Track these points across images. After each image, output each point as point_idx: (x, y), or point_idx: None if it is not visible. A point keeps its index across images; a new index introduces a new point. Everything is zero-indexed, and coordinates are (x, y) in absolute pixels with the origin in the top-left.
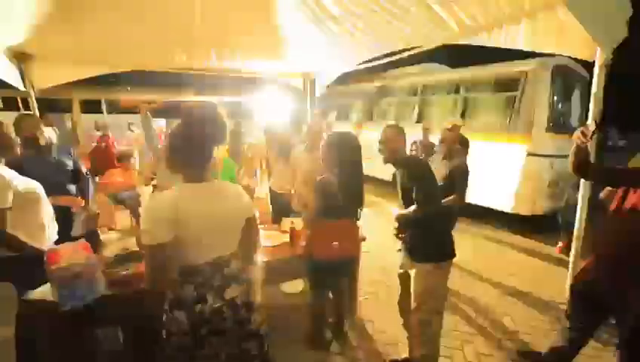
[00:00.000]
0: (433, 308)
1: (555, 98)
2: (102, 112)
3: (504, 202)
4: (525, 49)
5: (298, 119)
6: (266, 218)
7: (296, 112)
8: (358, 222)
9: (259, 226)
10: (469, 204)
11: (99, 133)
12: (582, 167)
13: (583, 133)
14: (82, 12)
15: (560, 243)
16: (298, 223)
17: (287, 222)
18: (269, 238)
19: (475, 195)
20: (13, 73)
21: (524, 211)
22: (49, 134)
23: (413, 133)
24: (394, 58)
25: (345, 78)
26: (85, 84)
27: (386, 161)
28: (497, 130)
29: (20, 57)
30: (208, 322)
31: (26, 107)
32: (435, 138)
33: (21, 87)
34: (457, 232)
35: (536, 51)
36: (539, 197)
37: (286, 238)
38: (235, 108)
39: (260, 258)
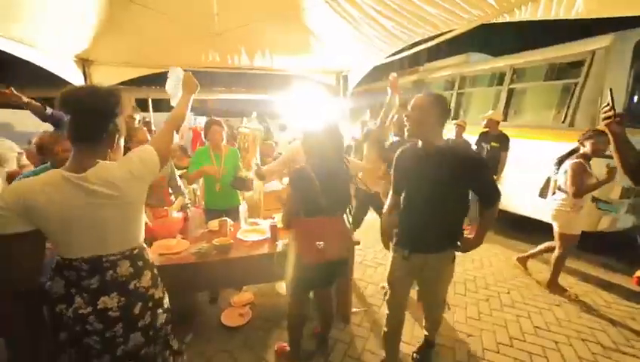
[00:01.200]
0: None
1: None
2: (149, 110)
3: None
4: (585, 17)
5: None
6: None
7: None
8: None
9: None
10: (506, 213)
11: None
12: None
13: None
14: (129, 21)
15: (639, 272)
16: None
17: None
18: (247, 234)
19: (518, 205)
20: (78, 76)
21: (588, 227)
22: None
23: (446, 132)
24: (425, 46)
25: (378, 74)
26: (137, 85)
27: (411, 136)
28: (550, 127)
29: (84, 63)
30: (67, 327)
31: None
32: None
33: None
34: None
35: (597, 18)
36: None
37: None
38: (266, 107)
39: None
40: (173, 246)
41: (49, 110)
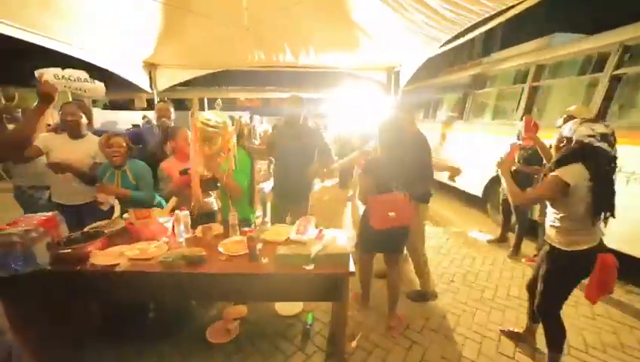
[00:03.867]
0: None
1: None
2: (204, 109)
3: None
4: None
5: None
6: None
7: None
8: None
9: None
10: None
11: None
12: None
13: None
14: (184, 27)
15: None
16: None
17: None
18: (228, 245)
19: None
20: (144, 79)
21: None
22: None
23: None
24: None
25: (432, 70)
26: (201, 85)
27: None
28: None
29: (150, 67)
30: None
31: (150, 106)
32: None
33: (149, 90)
34: None
35: None
36: None
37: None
38: (315, 105)
39: None
40: (148, 252)
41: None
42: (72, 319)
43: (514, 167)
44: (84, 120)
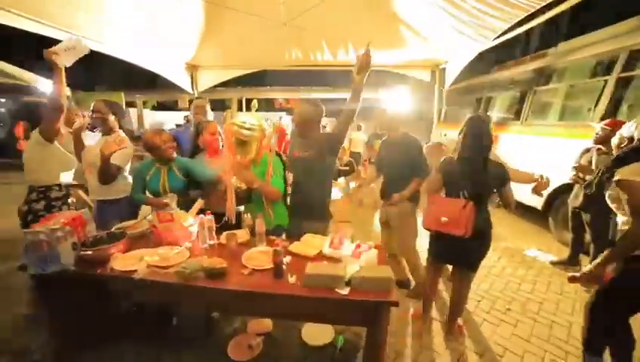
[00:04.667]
0: None
1: None
2: (249, 110)
3: None
4: None
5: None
6: None
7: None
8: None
9: None
10: None
11: None
12: None
13: None
14: (223, 26)
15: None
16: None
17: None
18: (253, 258)
19: None
20: (186, 81)
21: None
22: None
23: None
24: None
25: (483, 65)
26: (233, 86)
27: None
28: None
29: (192, 68)
30: None
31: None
32: None
33: (190, 91)
34: None
35: None
36: None
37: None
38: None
39: None
40: (169, 257)
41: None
42: (96, 316)
43: (588, 176)
44: (111, 117)
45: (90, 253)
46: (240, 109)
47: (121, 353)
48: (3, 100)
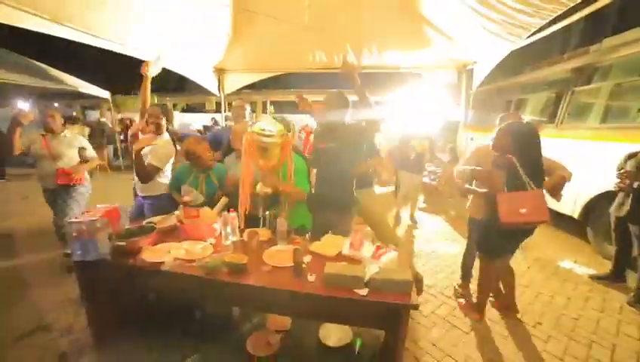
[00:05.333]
0: None
1: None
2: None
3: None
4: None
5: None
6: None
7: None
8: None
9: None
10: None
11: None
12: None
13: None
14: (250, 31)
15: None
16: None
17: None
18: (273, 255)
19: None
20: (214, 84)
21: None
22: None
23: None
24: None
25: (513, 65)
26: (257, 89)
27: None
28: None
29: (219, 72)
30: None
31: (219, 109)
32: None
33: (217, 94)
34: None
35: None
36: None
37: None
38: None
39: None
40: (194, 251)
41: None
42: (124, 301)
43: (636, 183)
44: (163, 121)
45: (123, 243)
46: (264, 111)
47: (148, 339)
48: (56, 105)
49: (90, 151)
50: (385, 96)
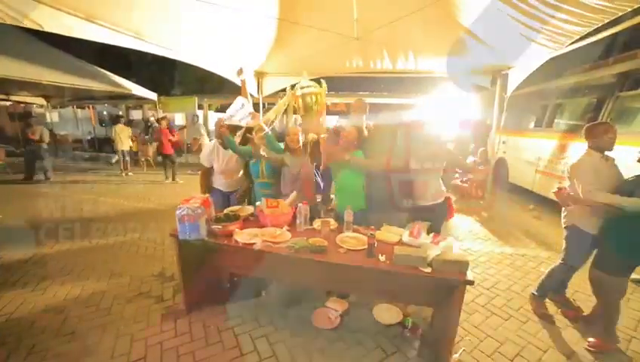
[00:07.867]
0: None
1: None
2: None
3: None
4: None
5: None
6: None
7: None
8: None
9: None
10: None
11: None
12: None
13: None
14: (289, 38)
15: None
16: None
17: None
18: (346, 241)
19: None
20: (253, 86)
21: None
22: None
23: None
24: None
25: (547, 70)
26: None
27: None
28: None
29: (259, 75)
30: None
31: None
32: None
33: (256, 95)
34: None
35: None
36: None
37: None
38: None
39: None
40: (275, 236)
41: None
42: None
43: None
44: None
45: (219, 226)
46: (295, 113)
47: (227, 312)
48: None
49: None
50: (416, 98)
